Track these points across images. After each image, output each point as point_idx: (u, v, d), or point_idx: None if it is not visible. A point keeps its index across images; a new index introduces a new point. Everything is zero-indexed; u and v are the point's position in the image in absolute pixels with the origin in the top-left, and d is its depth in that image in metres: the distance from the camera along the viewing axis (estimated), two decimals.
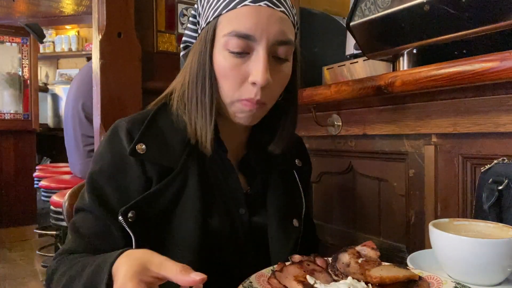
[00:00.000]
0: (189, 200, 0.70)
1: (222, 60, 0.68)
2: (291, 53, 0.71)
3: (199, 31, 0.75)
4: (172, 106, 0.75)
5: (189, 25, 0.79)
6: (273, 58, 0.68)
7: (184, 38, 0.80)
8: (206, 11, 0.71)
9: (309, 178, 0.97)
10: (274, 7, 0.67)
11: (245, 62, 0.67)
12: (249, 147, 0.82)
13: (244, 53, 0.67)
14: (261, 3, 0.66)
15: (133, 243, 0.67)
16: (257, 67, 0.66)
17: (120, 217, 0.66)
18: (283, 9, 0.69)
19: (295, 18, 0.73)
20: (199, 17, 0.75)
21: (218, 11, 0.68)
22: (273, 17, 0.66)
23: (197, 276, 0.48)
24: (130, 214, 0.66)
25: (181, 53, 0.81)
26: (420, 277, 0.57)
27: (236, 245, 0.74)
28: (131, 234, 0.66)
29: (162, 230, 0.69)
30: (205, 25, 0.71)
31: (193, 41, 0.78)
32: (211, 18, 0.69)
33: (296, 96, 0.79)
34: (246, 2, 0.66)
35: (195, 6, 0.77)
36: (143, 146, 0.69)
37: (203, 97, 0.70)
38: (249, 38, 0.65)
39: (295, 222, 0.80)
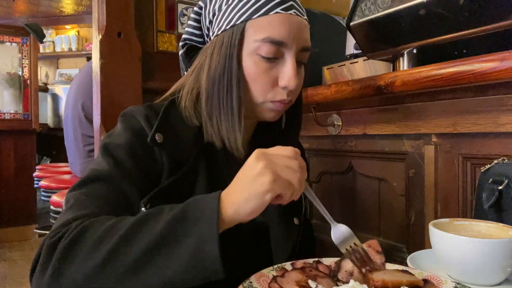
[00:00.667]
0: None
1: (252, 64, 0.70)
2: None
3: (213, 32, 0.74)
4: (180, 104, 0.75)
5: (190, 22, 0.78)
6: (297, 63, 0.72)
7: (184, 36, 0.79)
8: (228, 13, 0.71)
9: (308, 179, 0.97)
10: (301, 15, 0.71)
11: (274, 67, 0.71)
12: (252, 145, 0.82)
13: (274, 58, 0.70)
14: (291, 11, 0.69)
15: None
16: (288, 72, 0.70)
17: (142, 208, 0.63)
18: (305, 17, 0.73)
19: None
20: (212, 17, 0.74)
21: (246, 15, 0.69)
22: (301, 25, 0.71)
23: None
24: (146, 206, 0.64)
25: (181, 51, 0.81)
26: (425, 281, 0.57)
27: (239, 243, 0.74)
28: None
29: None
30: (227, 27, 0.71)
31: (195, 38, 0.78)
32: (238, 22, 0.69)
33: (301, 96, 0.83)
34: (278, 10, 0.68)
35: (200, 3, 0.77)
36: (162, 136, 0.69)
37: (229, 100, 0.70)
38: (281, 45, 0.69)
39: (296, 221, 0.82)
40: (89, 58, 4.02)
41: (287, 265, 0.62)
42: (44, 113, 4.36)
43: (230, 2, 0.71)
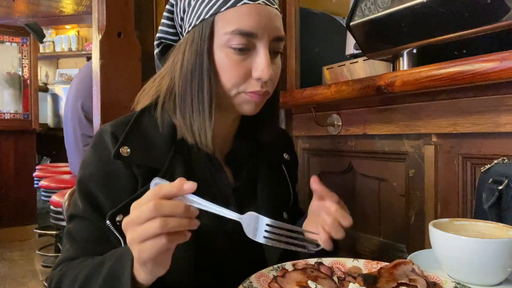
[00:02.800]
0: None
1: (224, 57, 0.69)
2: (283, 46, 0.75)
3: (184, 29, 0.74)
4: (157, 109, 0.75)
5: (164, 21, 0.79)
6: (271, 53, 0.71)
7: (159, 35, 0.79)
8: (196, 8, 0.70)
9: (297, 171, 0.98)
10: (271, 5, 0.70)
11: (247, 59, 0.69)
12: (236, 140, 0.82)
13: (246, 50, 0.69)
14: (260, 1, 0.68)
15: (122, 245, 0.66)
16: (261, 63, 0.69)
17: (107, 221, 0.66)
18: (276, 6, 0.72)
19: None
20: (183, 13, 0.74)
21: (214, 8, 0.68)
22: (271, 14, 0.70)
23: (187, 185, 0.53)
24: (118, 218, 0.66)
25: (156, 50, 0.80)
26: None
27: (229, 241, 0.74)
28: (120, 237, 0.66)
29: None
30: (197, 22, 0.70)
31: (169, 37, 0.78)
32: (207, 16, 0.69)
33: (276, 86, 0.80)
34: (245, 0, 0.67)
35: (172, 1, 0.77)
36: (127, 149, 0.69)
37: (200, 95, 0.70)
38: (252, 36, 0.68)
39: (285, 215, 0.82)
40: (89, 58, 4.02)
41: (288, 266, 0.62)
42: (44, 113, 4.36)
43: None
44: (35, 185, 3.26)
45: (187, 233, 0.54)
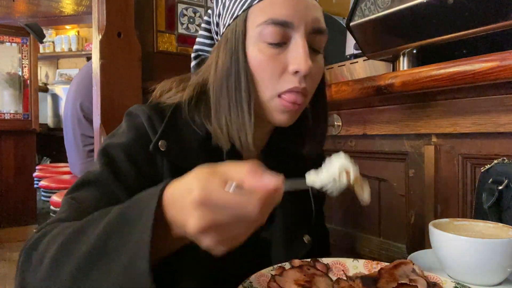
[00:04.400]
0: None
1: (257, 52, 0.63)
2: (324, 45, 0.69)
3: (220, 35, 0.70)
4: (189, 107, 0.70)
5: (201, 32, 0.75)
6: (310, 49, 0.64)
7: (196, 47, 0.75)
8: (230, 7, 0.67)
9: (325, 195, 0.88)
10: None
11: (282, 52, 0.63)
12: (264, 156, 0.75)
13: (281, 43, 0.63)
14: None
15: None
16: (298, 54, 0.62)
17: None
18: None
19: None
20: (219, 18, 0.70)
21: (247, 3, 0.64)
22: (310, 3, 0.64)
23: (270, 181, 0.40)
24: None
25: (192, 63, 0.76)
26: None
27: (241, 258, 0.62)
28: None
29: None
30: (231, 21, 0.66)
31: (207, 48, 0.74)
32: (240, 12, 0.65)
33: (325, 95, 0.75)
34: None
35: (209, 11, 0.74)
36: (165, 144, 0.65)
37: (238, 94, 0.64)
38: (287, 25, 0.62)
39: (306, 239, 0.74)
40: (89, 58, 4.02)
41: (285, 264, 0.62)
42: (44, 113, 4.36)
43: None
44: (35, 185, 3.26)
45: None
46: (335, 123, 1.13)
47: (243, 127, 0.64)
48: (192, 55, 0.77)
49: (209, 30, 0.74)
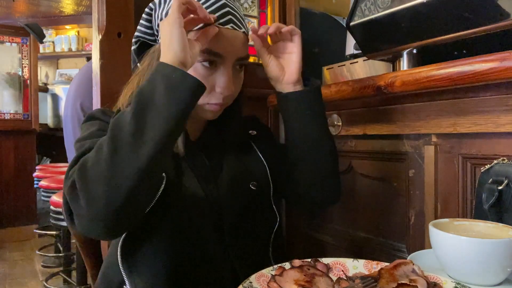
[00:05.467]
0: (187, 175, 0.80)
1: (192, 70, 0.73)
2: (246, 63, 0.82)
3: (160, 37, 0.77)
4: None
5: (142, 22, 0.83)
6: (234, 69, 0.79)
7: (137, 33, 0.84)
8: None
9: (271, 141, 1.00)
10: (238, 29, 0.77)
11: (212, 74, 0.77)
12: (205, 129, 0.89)
13: (213, 66, 0.77)
14: (229, 26, 0.76)
15: None
16: (224, 80, 0.76)
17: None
18: (244, 30, 0.79)
19: (247, 27, 0.82)
20: (160, 21, 0.77)
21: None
22: (237, 38, 0.77)
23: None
24: None
25: (133, 47, 0.85)
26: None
27: (197, 214, 0.79)
28: None
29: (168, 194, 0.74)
30: None
31: (147, 37, 0.83)
32: None
33: (242, 94, 0.87)
34: (216, 24, 0.74)
35: (151, 5, 0.81)
36: None
37: None
38: (218, 56, 0.76)
39: (252, 186, 0.86)
40: (89, 58, 4.01)
41: (286, 264, 0.62)
42: (44, 113, 4.36)
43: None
44: (35, 185, 3.26)
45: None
46: (335, 123, 1.14)
47: None
48: (133, 39, 0.85)
49: (149, 21, 0.82)
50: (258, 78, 1.07)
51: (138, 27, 0.83)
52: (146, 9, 0.82)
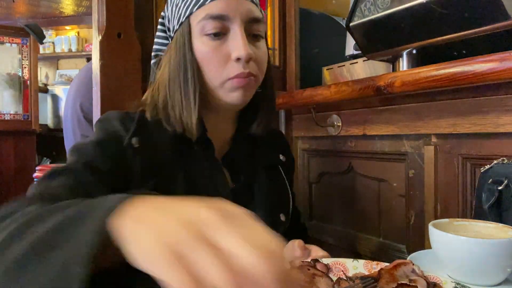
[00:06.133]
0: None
1: (201, 45, 0.70)
2: (264, 31, 0.75)
3: (171, 38, 0.77)
4: (156, 109, 0.75)
5: (158, 33, 0.81)
6: (249, 37, 0.71)
7: (155, 47, 0.82)
8: (177, 14, 0.74)
9: (293, 172, 0.98)
10: None
11: (224, 43, 0.70)
12: (234, 142, 0.83)
13: (221, 34, 0.70)
14: None
15: None
16: (237, 43, 0.69)
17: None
18: None
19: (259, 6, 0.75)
20: (169, 23, 0.77)
21: (189, 9, 0.71)
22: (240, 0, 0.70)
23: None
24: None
25: (152, 61, 0.82)
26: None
27: None
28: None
29: None
30: (178, 27, 0.74)
31: (163, 48, 0.80)
32: (184, 18, 0.72)
33: (271, 77, 0.81)
34: None
35: (162, 13, 0.80)
36: (138, 140, 0.70)
37: (185, 86, 0.71)
38: (223, 18, 0.69)
39: (282, 217, 0.82)
40: (89, 59, 4.02)
41: None
42: (44, 114, 4.36)
43: (176, 2, 0.74)
44: None
45: None
46: (335, 123, 1.14)
47: (189, 113, 0.71)
48: (153, 54, 0.82)
49: (164, 31, 0.80)
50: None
51: (155, 40, 0.81)
52: (160, 19, 0.80)
